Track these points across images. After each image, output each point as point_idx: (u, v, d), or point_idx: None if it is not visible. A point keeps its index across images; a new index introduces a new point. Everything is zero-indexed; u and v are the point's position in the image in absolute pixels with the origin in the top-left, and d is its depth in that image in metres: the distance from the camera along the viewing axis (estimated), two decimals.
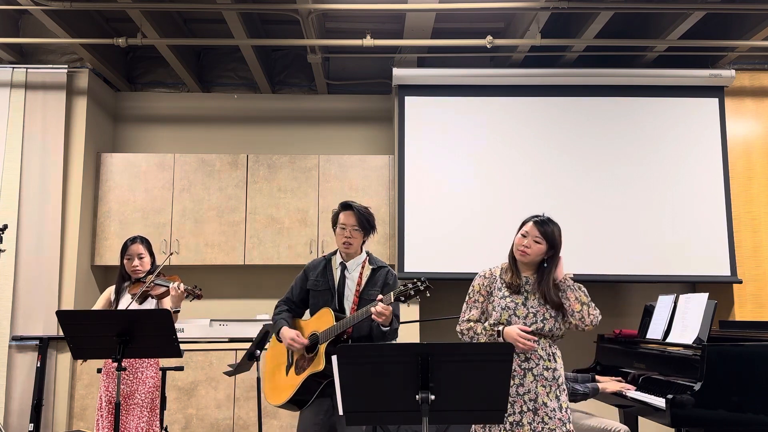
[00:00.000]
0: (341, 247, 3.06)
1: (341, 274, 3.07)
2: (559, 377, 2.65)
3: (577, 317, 2.63)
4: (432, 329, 5.52)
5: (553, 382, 2.62)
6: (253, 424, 4.86)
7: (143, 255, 3.48)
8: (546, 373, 2.62)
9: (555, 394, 2.61)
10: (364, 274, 3.06)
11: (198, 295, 3.36)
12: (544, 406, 2.58)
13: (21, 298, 4.92)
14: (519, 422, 2.57)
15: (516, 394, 2.60)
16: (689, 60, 5.48)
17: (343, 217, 3.04)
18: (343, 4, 4.57)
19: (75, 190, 5.15)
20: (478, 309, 2.76)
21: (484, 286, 2.78)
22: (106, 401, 3.34)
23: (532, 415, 2.57)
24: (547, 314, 2.65)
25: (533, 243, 2.68)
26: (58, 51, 5.49)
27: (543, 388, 2.60)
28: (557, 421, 2.57)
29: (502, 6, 4.50)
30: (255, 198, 5.41)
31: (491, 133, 5.35)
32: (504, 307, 2.67)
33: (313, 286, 3.08)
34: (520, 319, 2.65)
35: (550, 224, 2.71)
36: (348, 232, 3.01)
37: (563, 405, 2.62)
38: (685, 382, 3.16)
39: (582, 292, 2.68)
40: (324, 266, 3.10)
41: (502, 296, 2.70)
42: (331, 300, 3.05)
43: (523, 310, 2.66)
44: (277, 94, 5.99)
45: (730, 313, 5.24)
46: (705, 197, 5.28)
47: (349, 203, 3.06)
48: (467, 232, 5.21)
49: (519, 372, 2.61)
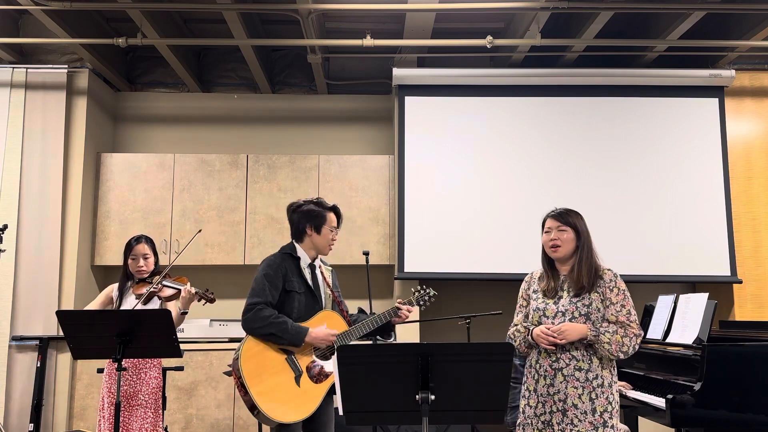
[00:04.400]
0: (325, 249, 3.08)
1: (312, 274, 3.06)
2: (596, 378, 2.54)
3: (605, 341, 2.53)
4: (432, 329, 5.52)
5: (586, 384, 2.52)
6: (253, 424, 4.86)
7: (148, 255, 3.46)
8: (578, 373, 2.54)
9: (589, 396, 2.51)
10: (326, 274, 3.13)
11: (210, 299, 3.30)
12: (573, 408, 2.51)
13: (21, 298, 4.92)
14: (549, 422, 2.55)
15: (547, 393, 2.57)
16: (689, 60, 5.48)
17: (336, 219, 3.10)
18: (343, 4, 4.57)
19: (75, 190, 5.15)
20: (522, 313, 2.78)
21: (525, 290, 2.80)
22: (108, 402, 3.32)
23: (561, 416, 2.52)
24: (577, 312, 2.58)
25: (559, 233, 2.68)
26: (58, 51, 5.49)
27: (574, 389, 2.53)
28: (587, 424, 2.49)
29: (502, 6, 4.50)
30: (255, 198, 5.41)
31: (491, 133, 5.34)
32: (535, 309, 2.68)
33: (294, 287, 2.97)
34: (549, 319, 2.62)
35: (567, 212, 2.74)
36: (335, 234, 3.08)
37: (598, 408, 2.50)
38: (685, 382, 3.16)
39: (626, 309, 2.59)
40: (295, 266, 3.02)
41: (536, 298, 2.71)
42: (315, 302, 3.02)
43: (552, 309, 2.63)
44: (277, 94, 5.99)
45: (730, 313, 5.24)
46: (705, 197, 5.28)
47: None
48: (467, 232, 5.21)
49: (550, 372, 2.57)
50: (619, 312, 2.58)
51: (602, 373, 2.56)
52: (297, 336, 2.84)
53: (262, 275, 2.93)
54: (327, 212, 3.06)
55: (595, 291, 2.62)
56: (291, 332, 2.84)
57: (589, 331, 2.54)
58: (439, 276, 5.14)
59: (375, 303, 5.46)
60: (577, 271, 2.64)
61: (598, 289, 2.62)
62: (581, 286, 2.61)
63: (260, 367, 2.82)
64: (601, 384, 2.54)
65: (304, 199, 3.13)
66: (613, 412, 2.53)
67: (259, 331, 2.84)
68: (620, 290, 2.62)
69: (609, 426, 2.51)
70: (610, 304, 2.60)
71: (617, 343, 2.52)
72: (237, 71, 5.99)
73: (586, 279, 2.61)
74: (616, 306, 2.59)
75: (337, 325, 3.01)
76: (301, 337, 2.85)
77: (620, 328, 2.56)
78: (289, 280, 2.96)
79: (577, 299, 2.60)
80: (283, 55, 6.03)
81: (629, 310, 2.59)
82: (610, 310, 2.59)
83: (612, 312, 2.59)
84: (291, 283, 2.96)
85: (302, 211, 3.07)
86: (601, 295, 2.61)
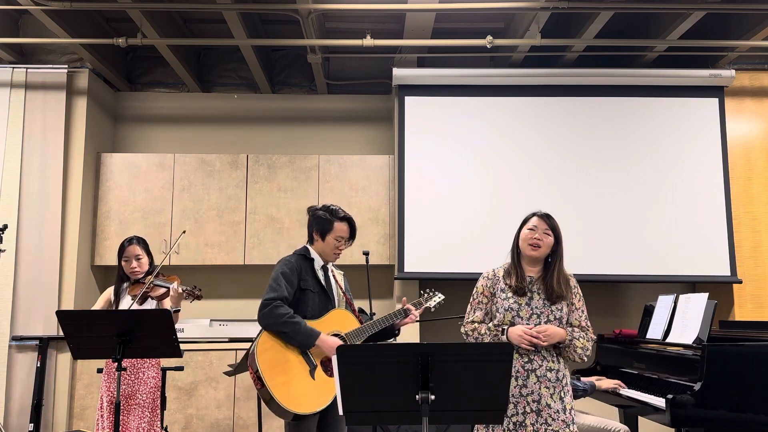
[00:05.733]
0: (329, 257, 3.11)
1: (325, 276, 3.11)
2: (563, 378, 2.64)
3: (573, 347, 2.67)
4: (432, 329, 5.52)
5: (557, 383, 2.61)
6: (253, 424, 4.86)
7: (141, 256, 3.48)
8: (549, 374, 2.61)
9: (559, 395, 2.60)
10: (338, 276, 3.19)
11: (198, 296, 3.35)
12: (547, 407, 2.57)
13: (21, 298, 4.92)
14: (522, 423, 2.57)
15: (519, 395, 2.60)
16: (689, 60, 5.48)
17: (347, 230, 3.10)
18: (343, 4, 4.57)
19: (75, 190, 5.15)
20: (482, 310, 2.76)
21: (487, 287, 2.78)
22: (107, 401, 3.33)
23: (535, 416, 2.57)
24: (551, 316, 2.64)
25: (544, 235, 2.70)
26: (58, 51, 5.49)
27: (546, 389, 2.59)
28: (561, 423, 2.57)
29: (502, 6, 4.50)
30: (255, 198, 5.41)
31: (491, 133, 5.34)
32: (507, 308, 2.67)
33: (309, 286, 3.03)
34: (524, 320, 2.65)
35: (552, 218, 2.77)
36: (344, 244, 3.10)
37: (567, 406, 2.61)
38: (685, 382, 3.16)
39: (585, 314, 2.74)
40: (309, 267, 3.07)
41: (505, 297, 2.70)
42: (329, 301, 3.07)
43: (527, 311, 2.66)
44: (277, 94, 5.99)
45: (730, 313, 5.24)
46: (705, 197, 5.28)
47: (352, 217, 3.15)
48: (467, 232, 5.21)
49: (522, 373, 2.61)
50: (581, 317, 2.72)
51: (565, 372, 2.68)
52: (308, 339, 2.89)
53: (279, 273, 2.99)
54: (336, 221, 3.06)
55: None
56: (303, 334, 2.88)
57: (567, 335, 2.64)
58: (439, 276, 5.15)
59: (375, 303, 5.46)
60: (551, 279, 2.69)
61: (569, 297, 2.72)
62: (558, 295, 2.67)
63: (275, 360, 2.86)
64: (566, 384, 2.66)
65: (323, 204, 3.17)
66: (573, 410, 2.67)
67: (273, 328, 2.89)
68: (581, 296, 2.76)
69: (574, 423, 2.64)
70: (575, 309, 2.72)
71: (583, 348, 2.65)
72: (237, 71, 5.99)
73: (563, 289, 2.68)
74: (579, 311, 2.72)
75: (350, 323, 3.05)
76: (311, 340, 2.89)
77: (583, 332, 2.69)
78: (304, 279, 3.01)
79: (550, 302, 2.67)
80: (283, 55, 6.03)
81: (587, 315, 2.75)
82: (575, 314, 2.71)
83: (576, 317, 2.71)
84: (306, 282, 3.01)
85: (314, 215, 3.12)
86: (567, 300, 2.71)
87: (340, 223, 3.07)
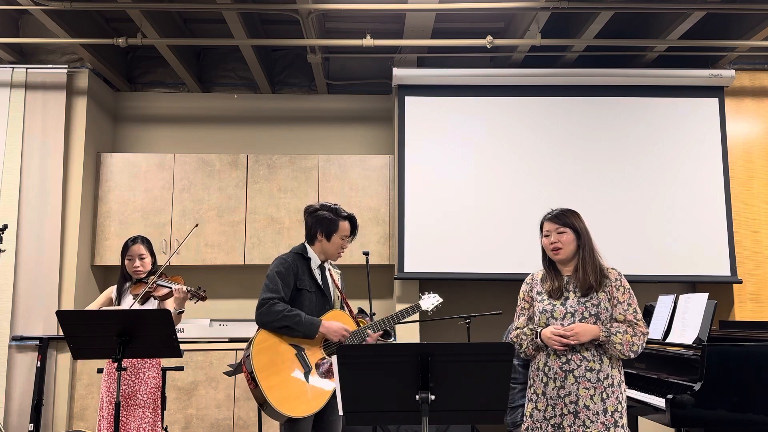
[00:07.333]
0: (334, 256, 3.12)
1: (322, 275, 3.10)
2: (607, 378, 2.53)
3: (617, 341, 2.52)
4: (432, 329, 5.52)
5: (597, 384, 2.51)
6: (253, 424, 4.86)
7: (144, 255, 3.48)
8: (589, 374, 2.52)
9: (600, 396, 2.50)
10: (335, 276, 3.18)
11: (202, 297, 3.33)
12: (585, 409, 2.49)
13: (21, 298, 4.92)
14: (560, 425, 2.51)
15: (557, 396, 2.53)
16: (689, 60, 5.48)
17: (351, 228, 3.13)
18: (343, 4, 4.57)
19: (75, 190, 5.15)
20: (525, 316, 2.74)
21: (526, 292, 2.76)
22: (107, 402, 3.33)
23: (572, 418, 2.49)
24: (586, 312, 2.56)
25: (559, 235, 2.66)
26: (58, 51, 5.49)
27: (585, 390, 2.50)
28: (600, 425, 2.47)
29: (502, 6, 4.50)
30: (255, 198, 5.41)
31: (491, 133, 5.34)
32: (542, 311, 2.64)
33: (305, 286, 3.02)
34: (558, 321, 2.59)
35: (564, 212, 2.72)
36: (346, 243, 3.12)
37: (610, 408, 2.50)
38: (685, 382, 3.16)
39: (633, 307, 2.59)
40: (305, 266, 3.07)
41: (540, 300, 2.67)
42: (326, 301, 3.06)
43: (560, 311, 2.60)
44: (277, 94, 5.99)
45: (730, 313, 5.24)
46: (705, 197, 5.28)
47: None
48: (467, 232, 5.21)
49: (560, 374, 2.54)
50: (627, 311, 2.58)
51: (612, 372, 2.55)
52: (311, 328, 2.88)
53: (274, 272, 2.98)
54: (341, 221, 3.09)
55: (602, 290, 2.61)
56: (305, 324, 2.88)
57: (601, 331, 2.53)
58: (439, 276, 5.14)
59: (375, 303, 5.46)
60: (582, 271, 2.62)
61: (605, 289, 2.62)
62: (589, 286, 2.59)
63: (270, 361, 2.85)
64: (611, 384, 2.53)
65: (322, 203, 3.16)
66: (623, 412, 2.53)
67: (273, 325, 2.88)
68: (626, 289, 2.63)
69: (620, 426, 2.50)
70: (618, 303, 2.60)
71: (628, 342, 2.52)
72: (237, 71, 5.99)
73: (592, 278, 2.60)
74: (623, 305, 2.59)
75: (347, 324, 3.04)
76: (315, 328, 2.89)
77: (629, 327, 2.55)
78: (300, 278, 3.01)
79: (585, 299, 2.59)
80: (283, 55, 6.03)
81: (635, 309, 2.60)
82: (618, 309, 2.59)
83: (620, 311, 2.59)
84: (302, 282, 3.01)
85: (316, 216, 3.11)
86: (608, 295, 2.61)
87: (343, 222, 3.10)
